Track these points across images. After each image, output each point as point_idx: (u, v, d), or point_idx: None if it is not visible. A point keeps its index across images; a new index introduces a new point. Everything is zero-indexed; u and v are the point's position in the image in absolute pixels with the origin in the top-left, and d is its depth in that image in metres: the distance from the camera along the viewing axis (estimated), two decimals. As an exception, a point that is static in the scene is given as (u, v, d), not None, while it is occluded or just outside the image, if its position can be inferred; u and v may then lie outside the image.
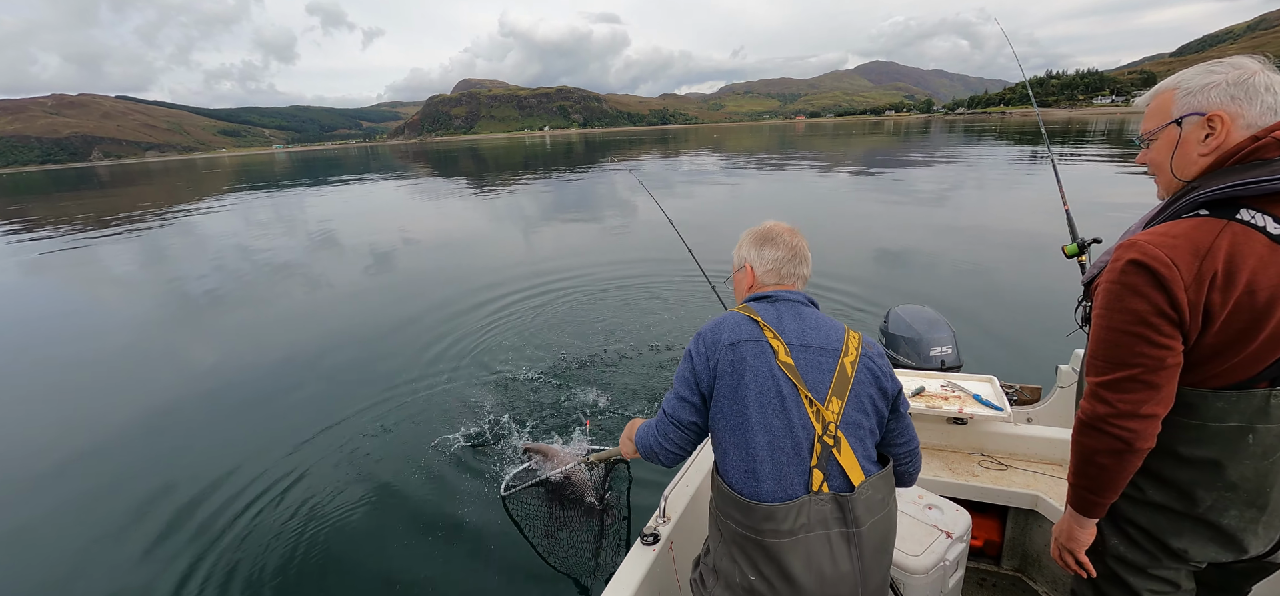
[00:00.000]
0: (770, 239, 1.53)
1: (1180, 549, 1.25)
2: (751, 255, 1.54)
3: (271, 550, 3.32)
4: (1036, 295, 6.80)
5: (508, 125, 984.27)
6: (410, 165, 52.73)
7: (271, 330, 7.40)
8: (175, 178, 56.54)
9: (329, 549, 3.32)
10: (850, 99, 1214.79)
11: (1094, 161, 22.28)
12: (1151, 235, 1.12)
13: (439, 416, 4.72)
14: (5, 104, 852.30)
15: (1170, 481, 1.23)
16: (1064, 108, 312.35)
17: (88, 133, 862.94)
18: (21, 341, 7.53)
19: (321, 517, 3.58)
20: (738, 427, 1.30)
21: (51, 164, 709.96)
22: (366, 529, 3.48)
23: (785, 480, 1.26)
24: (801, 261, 1.52)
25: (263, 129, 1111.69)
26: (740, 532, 1.30)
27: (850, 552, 1.28)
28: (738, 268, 1.59)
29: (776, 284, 1.51)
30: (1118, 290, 1.14)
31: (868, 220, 12.58)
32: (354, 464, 4.14)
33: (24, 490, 4.15)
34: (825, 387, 1.33)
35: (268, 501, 3.75)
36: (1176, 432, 1.19)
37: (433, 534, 3.40)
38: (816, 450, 1.29)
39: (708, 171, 27.45)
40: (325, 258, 11.79)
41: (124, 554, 3.41)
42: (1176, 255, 1.07)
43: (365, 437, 4.48)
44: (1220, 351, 1.11)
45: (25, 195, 42.97)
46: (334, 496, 3.77)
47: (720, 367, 1.33)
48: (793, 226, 1.56)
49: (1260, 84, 1.08)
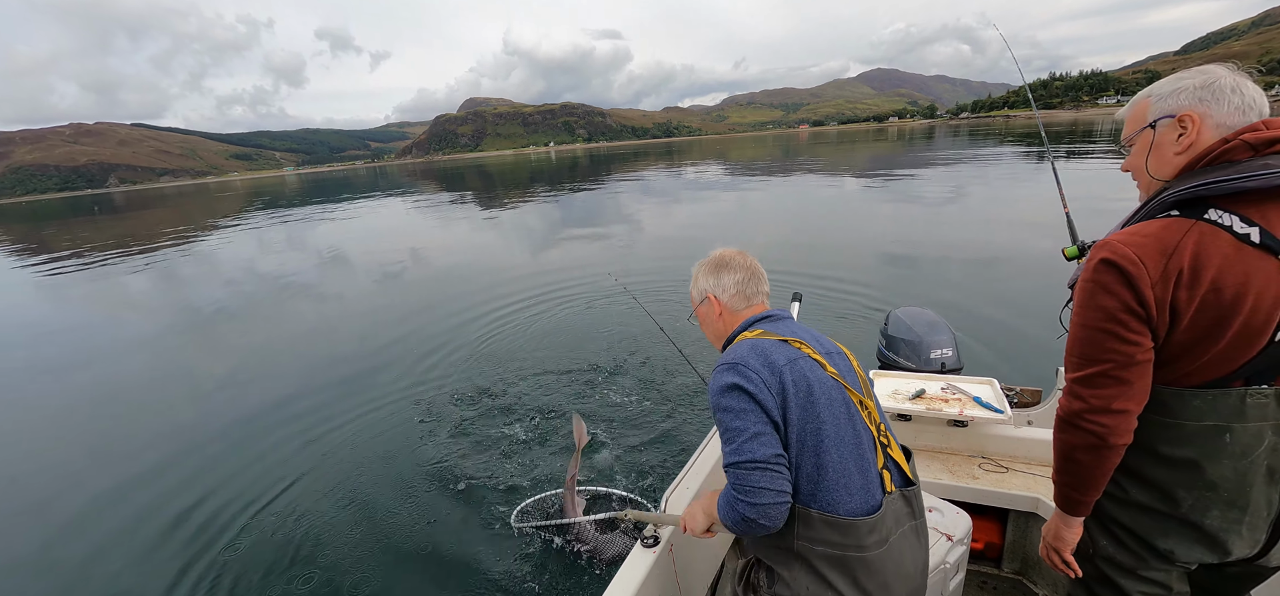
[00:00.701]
0: (725, 265, 1.52)
1: (1166, 549, 1.26)
2: (711, 285, 1.52)
3: (266, 555, 3.38)
4: (1037, 298, 6.77)
5: (513, 142, 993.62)
6: (418, 183, 53.36)
7: (282, 347, 7.51)
8: (189, 202, 57.54)
9: (327, 550, 3.37)
10: (853, 107, 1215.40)
11: (1101, 161, 22.14)
12: (1123, 235, 1.15)
13: (436, 428, 4.78)
14: (25, 134, 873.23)
15: (1151, 481, 1.25)
16: (1069, 109, 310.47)
17: (104, 160, 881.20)
18: (52, 360, 7.68)
19: (317, 519, 3.66)
20: (814, 448, 1.24)
21: (69, 191, 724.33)
22: (360, 538, 3.52)
23: (870, 489, 1.26)
24: (761, 279, 1.52)
25: (274, 152, 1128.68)
26: (836, 554, 1.24)
27: (919, 544, 1.34)
28: (699, 301, 1.56)
29: (746, 306, 1.49)
30: (1090, 288, 1.17)
31: (868, 224, 12.59)
32: (358, 474, 4.20)
33: (37, 503, 4.25)
34: (860, 390, 1.35)
35: (267, 508, 3.84)
36: (1156, 432, 1.21)
37: (430, 546, 3.43)
38: (879, 453, 1.31)
39: (712, 184, 27.52)
40: (336, 275, 11.95)
41: (137, 557, 3.48)
42: (1144, 253, 1.10)
43: (361, 449, 4.57)
44: (1190, 349, 1.13)
45: (46, 221, 43.89)
46: (335, 500, 3.84)
47: (789, 392, 1.24)
48: (742, 249, 1.58)
49: (1227, 85, 1.13)
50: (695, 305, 1.58)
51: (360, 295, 10.16)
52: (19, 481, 4.74)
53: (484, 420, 4.89)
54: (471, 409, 5.11)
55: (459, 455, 4.37)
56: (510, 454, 4.33)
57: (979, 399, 2.55)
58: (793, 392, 1.24)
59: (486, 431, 4.69)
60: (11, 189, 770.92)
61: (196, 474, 4.49)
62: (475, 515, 3.66)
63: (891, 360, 3.27)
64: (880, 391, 2.72)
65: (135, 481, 4.48)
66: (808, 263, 9.18)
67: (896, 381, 2.78)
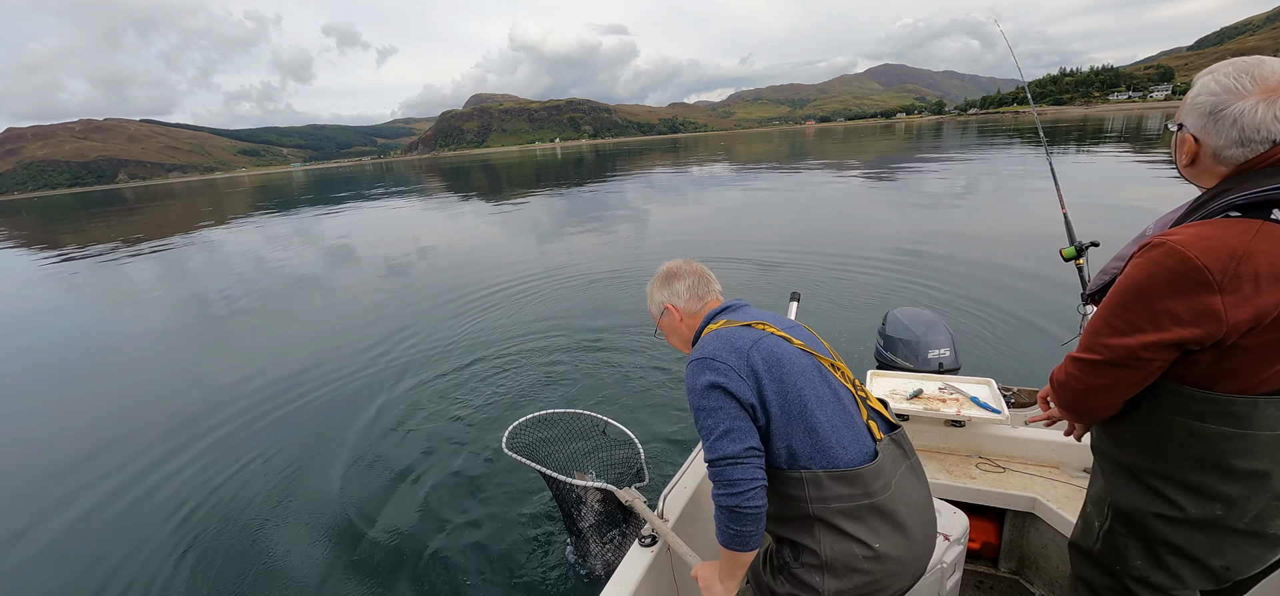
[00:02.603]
0: (675, 275, 1.61)
1: (1221, 567, 1.22)
2: (666, 295, 1.60)
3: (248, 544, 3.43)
4: (1035, 298, 6.74)
5: (519, 138, 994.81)
6: (423, 180, 53.53)
7: (287, 340, 7.57)
8: (198, 198, 57.92)
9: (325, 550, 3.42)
10: (860, 102, 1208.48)
11: (1112, 159, 21.92)
12: (1186, 235, 1.08)
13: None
14: (36, 130, 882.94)
15: (1216, 495, 1.19)
16: (1079, 105, 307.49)
17: (114, 156, 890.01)
18: (66, 355, 7.80)
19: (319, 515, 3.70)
20: (801, 414, 1.29)
21: (80, 186, 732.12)
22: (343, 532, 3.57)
23: (861, 441, 1.33)
24: (710, 280, 1.62)
25: (281, 148, 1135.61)
26: (851, 506, 1.28)
27: (919, 481, 1.42)
28: (660, 315, 1.64)
29: (701, 306, 1.58)
30: (1143, 282, 1.12)
31: (870, 223, 12.52)
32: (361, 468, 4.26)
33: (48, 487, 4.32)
34: (828, 355, 1.44)
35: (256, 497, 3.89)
36: (1227, 445, 1.15)
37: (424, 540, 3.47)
38: (861, 406, 1.40)
39: (721, 180, 27.45)
40: (345, 271, 12.03)
41: (153, 552, 3.55)
42: (1211, 256, 1.04)
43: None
44: (1263, 354, 1.08)
45: (57, 216, 44.36)
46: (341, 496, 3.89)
47: (759, 371, 1.30)
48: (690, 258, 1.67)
49: (1233, 113, 1.07)
50: (657, 320, 1.67)
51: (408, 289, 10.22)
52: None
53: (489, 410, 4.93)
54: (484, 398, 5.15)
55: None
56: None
57: (976, 399, 2.55)
58: (763, 370, 1.30)
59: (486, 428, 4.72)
60: (23, 184, 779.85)
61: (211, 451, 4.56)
62: (482, 517, 3.69)
63: (889, 360, 3.26)
64: (877, 391, 2.72)
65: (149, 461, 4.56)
66: (808, 262, 9.17)
67: (894, 381, 2.78)
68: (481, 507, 3.72)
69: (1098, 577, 1.42)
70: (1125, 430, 1.30)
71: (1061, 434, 2.41)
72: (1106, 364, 1.20)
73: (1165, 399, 1.20)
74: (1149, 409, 1.24)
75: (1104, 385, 1.23)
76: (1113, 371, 1.20)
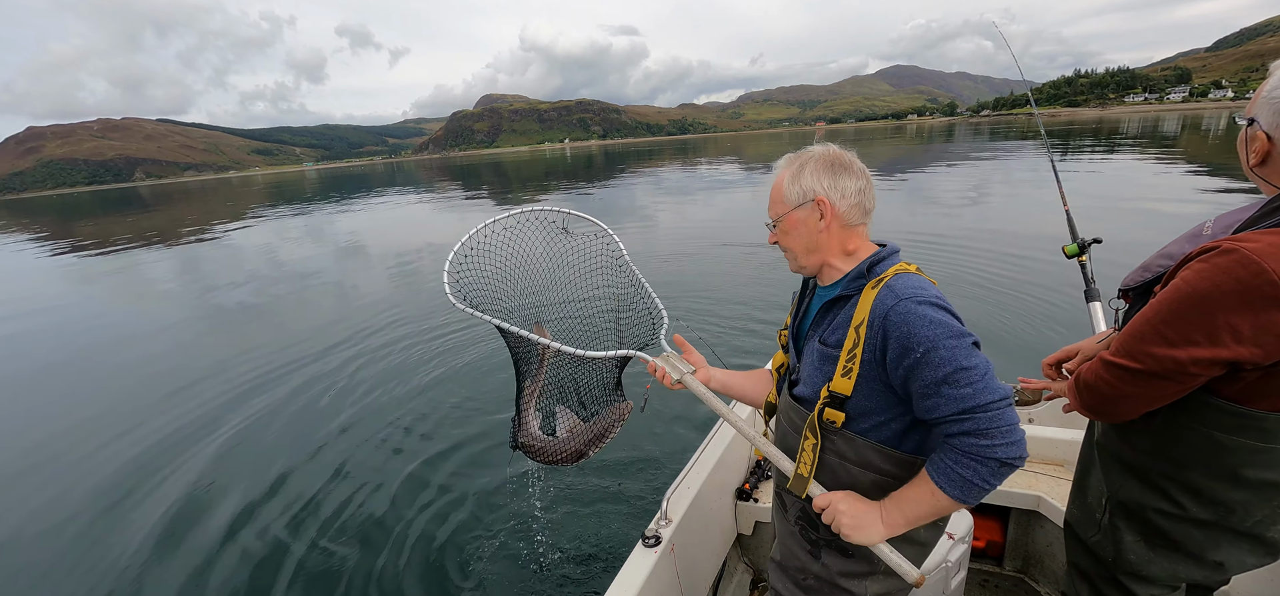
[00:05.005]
0: (845, 166, 1.24)
1: (1217, 560, 1.21)
2: (826, 185, 1.22)
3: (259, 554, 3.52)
4: (1038, 294, 6.73)
5: (529, 138, 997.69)
6: (433, 180, 53.84)
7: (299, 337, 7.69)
8: (213, 196, 58.64)
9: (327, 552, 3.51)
10: (871, 104, 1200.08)
11: (1126, 160, 21.64)
12: (1262, 244, 0.98)
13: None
14: (56, 129, 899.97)
15: (1222, 501, 1.16)
16: (1094, 107, 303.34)
17: (131, 154, 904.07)
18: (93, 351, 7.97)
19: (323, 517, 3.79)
20: None
21: (97, 185, 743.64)
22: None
23: None
24: (873, 194, 1.30)
25: (294, 147, 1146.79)
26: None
27: None
28: (800, 201, 1.25)
29: (861, 221, 1.26)
30: (1206, 291, 1.01)
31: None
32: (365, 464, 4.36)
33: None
34: None
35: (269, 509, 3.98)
36: (1243, 456, 1.10)
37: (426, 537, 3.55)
38: None
39: (728, 181, 27.39)
40: (353, 267, 12.18)
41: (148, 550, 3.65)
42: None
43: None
44: None
45: (77, 215, 45.13)
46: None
47: None
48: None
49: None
50: (787, 208, 1.27)
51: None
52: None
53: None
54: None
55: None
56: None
57: (983, 399, 2.57)
58: None
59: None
60: (42, 182, 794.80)
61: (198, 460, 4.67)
62: (482, 516, 3.75)
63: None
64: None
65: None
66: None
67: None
68: (491, 499, 3.79)
69: (1091, 565, 1.44)
70: (1140, 431, 1.24)
71: (1064, 432, 2.44)
72: (1148, 373, 1.09)
73: (1191, 406, 1.13)
74: (1170, 414, 1.17)
75: (1137, 395, 1.14)
76: (1152, 383, 1.10)
